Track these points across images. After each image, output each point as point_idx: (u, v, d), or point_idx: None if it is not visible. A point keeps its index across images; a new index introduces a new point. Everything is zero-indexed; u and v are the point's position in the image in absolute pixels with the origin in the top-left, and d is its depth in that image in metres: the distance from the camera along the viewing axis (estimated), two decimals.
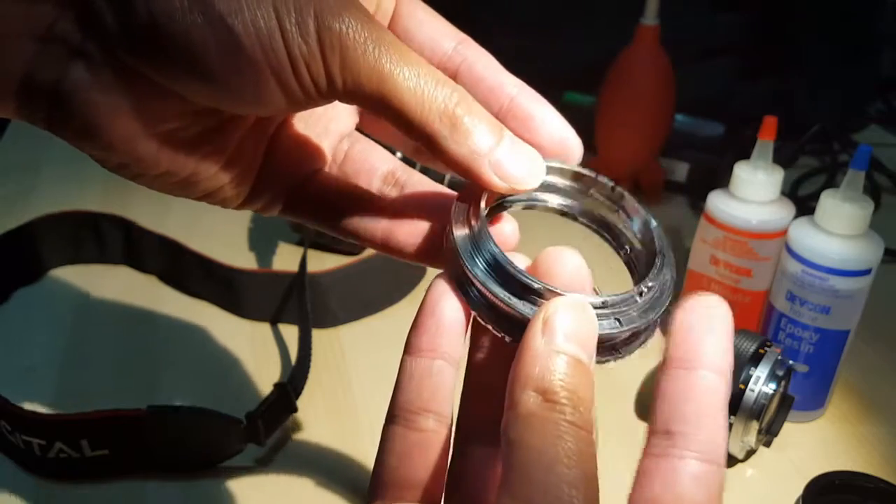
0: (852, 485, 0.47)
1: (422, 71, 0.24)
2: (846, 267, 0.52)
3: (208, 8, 0.22)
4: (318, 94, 0.24)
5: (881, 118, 1.07)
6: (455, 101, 0.25)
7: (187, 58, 0.23)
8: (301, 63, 0.23)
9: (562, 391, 0.22)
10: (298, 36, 0.23)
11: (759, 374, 0.51)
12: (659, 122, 0.82)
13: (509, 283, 0.25)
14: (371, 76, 0.24)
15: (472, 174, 0.26)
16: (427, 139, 0.25)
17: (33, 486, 0.50)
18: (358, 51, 0.23)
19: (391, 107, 0.24)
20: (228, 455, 0.51)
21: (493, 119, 0.26)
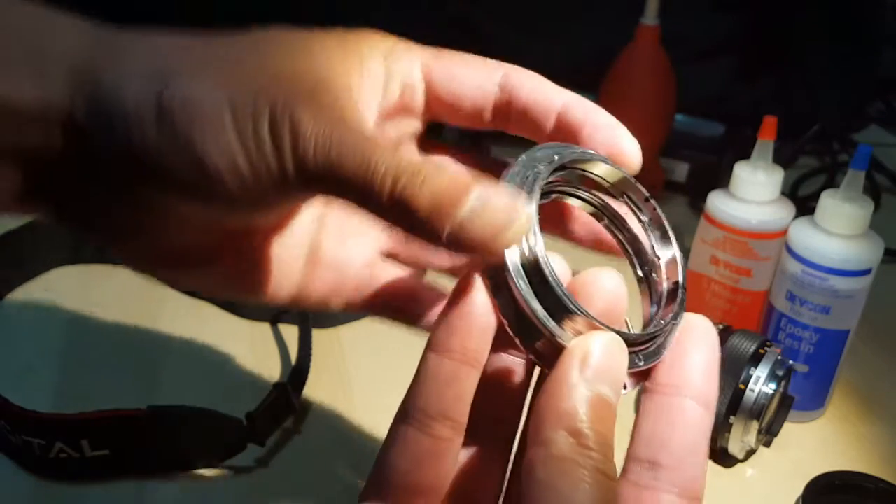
0: (852, 485, 0.47)
1: (369, 159, 0.24)
2: (846, 267, 0.52)
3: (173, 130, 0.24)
4: (273, 181, 0.25)
5: (881, 118, 1.07)
6: (402, 182, 0.23)
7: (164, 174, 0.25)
8: (254, 153, 0.24)
9: (594, 435, 0.22)
10: (252, 133, 0.24)
11: (759, 374, 0.51)
12: (659, 121, 0.82)
13: (550, 302, 0.24)
14: (318, 165, 0.24)
15: (433, 245, 0.24)
16: (384, 221, 0.25)
17: (33, 486, 0.50)
18: (306, 143, 0.24)
19: (342, 192, 0.25)
20: (228, 455, 0.51)
21: (456, 182, 0.23)
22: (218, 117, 0.24)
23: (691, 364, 0.25)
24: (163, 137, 0.24)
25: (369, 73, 0.29)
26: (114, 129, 0.25)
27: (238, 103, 0.24)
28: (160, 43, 0.26)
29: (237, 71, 0.25)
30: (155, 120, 0.24)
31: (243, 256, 0.31)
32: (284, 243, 0.32)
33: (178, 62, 0.25)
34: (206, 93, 0.24)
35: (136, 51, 0.26)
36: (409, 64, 0.30)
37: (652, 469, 0.24)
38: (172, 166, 0.25)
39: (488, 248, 0.23)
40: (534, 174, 0.26)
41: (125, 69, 0.25)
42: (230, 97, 0.24)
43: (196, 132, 0.24)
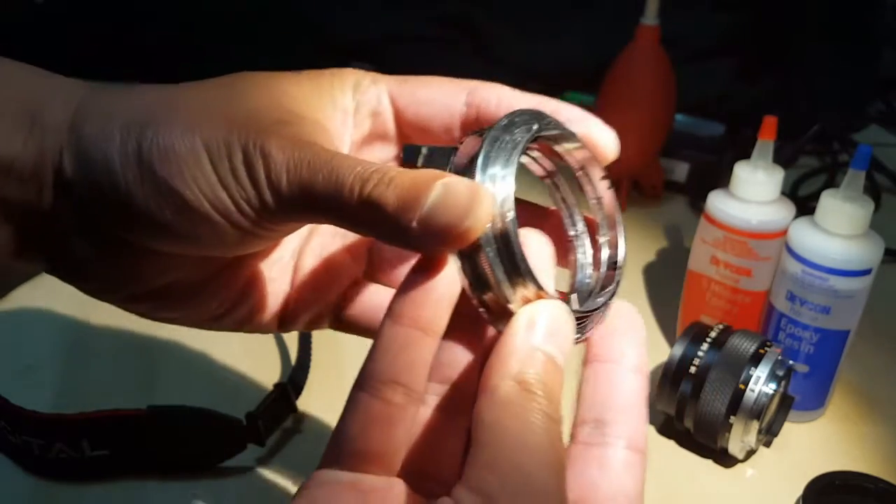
0: (853, 485, 0.47)
1: (337, 171, 0.25)
2: (846, 267, 0.52)
3: (155, 177, 0.26)
4: (255, 212, 0.26)
5: (881, 118, 1.07)
6: (370, 186, 0.24)
7: (152, 222, 0.26)
8: (233, 189, 0.26)
9: (538, 384, 0.23)
10: (229, 170, 0.26)
11: (759, 374, 0.51)
12: (659, 121, 0.82)
13: (511, 269, 0.25)
14: (293, 189, 0.25)
15: (407, 245, 0.25)
16: (360, 228, 0.26)
17: (33, 486, 0.50)
18: (278, 169, 0.25)
19: (318, 211, 0.26)
20: (228, 455, 0.51)
21: (419, 178, 0.24)
22: (195, 160, 0.26)
23: (625, 340, 0.28)
24: (147, 186, 0.26)
25: (340, 106, 0.30)
26: (100, 182, 0.26)
27: (212, 144, 0.26)
28: (138, 96, 0.28)
29: (209, 114, 0.26)
30: (137, 170, 0.26)
31: (233, 287, 0.32)
32: (271, 270, 0.33)
33: (154, 113, 0.26)
34: (180, 138, 0.26)
35: (116, 106, 0.27)
36: (375, 94, 0.31)
37: (598, 427, 0.26)
38: (159, 212, 0.26)
39: (456, 232, 0.24)
40: (512, 141, 0.26)
41: (107, 124, 0.26)
42: (204, 139, 0.26)
43: (177, 177, 0.26)
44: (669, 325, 0.67)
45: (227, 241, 0.27)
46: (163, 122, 0.26)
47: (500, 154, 0.26)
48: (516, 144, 0.26)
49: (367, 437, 0.25)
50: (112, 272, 0.29)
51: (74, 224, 0.27)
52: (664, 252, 0.79)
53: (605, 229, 0.30)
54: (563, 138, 0.29)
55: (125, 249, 0.28)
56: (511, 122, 0.27)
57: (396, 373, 0.25)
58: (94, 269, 0.29)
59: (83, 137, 0.26)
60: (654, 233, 0.82)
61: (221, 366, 0.61)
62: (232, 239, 0.27)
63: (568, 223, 0.31)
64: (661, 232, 0.83)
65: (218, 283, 0.31)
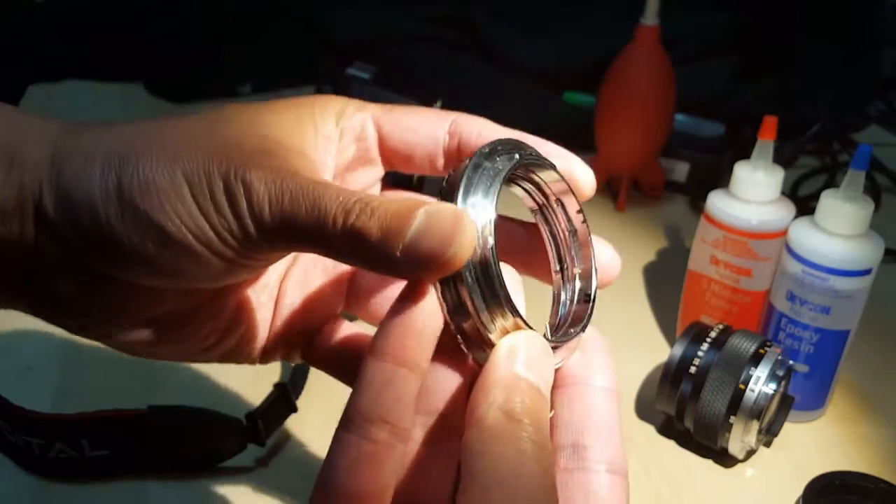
0: (852, 485, 0.47)
1: (319, 201, 0.25)
2: (846, 267, 0.52)
3: (136, 211, 0.26)
4: (238, 243, 0.26)
5: (881, 118, 1.07)
6: (353, 215, 0.24)
7: (135, 256, 0.26)
8: (215, 220, 0.26)
9: (524, 412, 0.24)
10: (211, 201, 0.26)
11: (759, 375, 0.51)
12: (659, 121, 0.82)
13: (491, 300, 0.25)
14: (275, 219, 0.25)
15: (392, 273, 0.25)
16: (343, 258, 0.26)
17: (33, 486, 0.50)
18: (260, 200, 0.25)
19: (301, 241, 0.26)
20: (228, 455, 0.51)
21: (402, 207, 0.24)
22: (176, 192, 0.26)
23: (594, 363, 0.28)
24: (128, 221, 0.26)
25: (322, 133, 0.30)
26: (81, 219, 0.26)
27: (193, 176, 0.26)
28: (117, 131, 0.27)
29: (189, 146, 0.26)
30: (118, 205, 0.26)
31: (221, 317, 0.31)
32: (260, 296, 0.32)
33: (134, 147, 0.26)
34: (161, 171, 0.26)
35: (95, 141, 0.27)
36: (360, 120, 0.31)
37: (577, 451, 0.26)
38: (142, 247, 0.26)
39: (440, 261, 0.24)
40: (493, 168, 0.26)
41: (87, 158, 0.26)
42: (185, 171, 0.26)
43: (158, 210, 0.25)
44: (669, 325, 0.67)
45: (211, 273, 0.27)
46: (143, 155, 0.26)
47: (482, 181, 0.26)
48: (498, 172, 0.26)
49: (355, 479, 0.24)
50: (95, 308, 0.28)
51: (57, 261, 0.27)
52: (664, 252, 0.79)
53: (578, 262, 0.31)
54: (544, 169, 0.29)
55: (108, 285, 0.27)
56: (493, 150, 0.27)
57: (383, 411, 0.24)
58: (77, 306, 0.28)
59: (63, 174, 0.26)
60: (654, 233, 0.82)
61: (221, 366, 0.61)
62: (216, 270, 0.27)
63: (553, 258, 0.31)
64: (661, 232, 0.83)
65: (205, 314, 0.31)
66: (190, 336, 0.31)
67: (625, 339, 0.66)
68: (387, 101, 0.80)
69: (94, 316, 0.29)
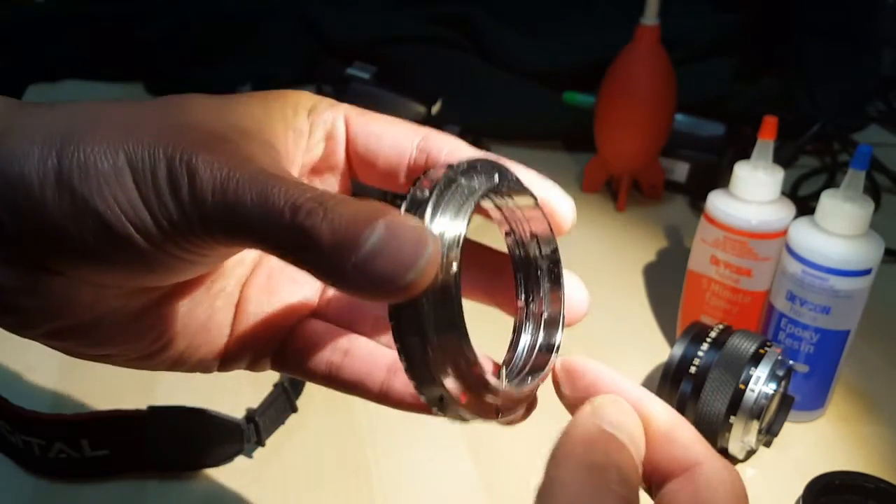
0: (852, 485, 0.47)
1: (268, 193, 0.22)
2: (846, 267, 0.52)
3: (73, 195, 0.23)
4: (178, 234, 0.24)
5: (881, 118, 1.07)
6: (302, 213, 0.22)
7: (72, 245, 0.24)
8: (155, 208, 0.24)
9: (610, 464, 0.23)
10: (152, 187, 0.23)
11: (759, 375, 0.51)
12: (659, 121, 0.82)
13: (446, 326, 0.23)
14: (218, 209, 0.23)
15: (341, 288, 0.22)
16: (292, 260, 0.23)
17: (33, 486, 0.50)
18: (204, 186, 0.23)
19: (247, 236, 0.23)
20: (228, 455, 0.51)
21: (360, 212, 0.22)
22: (116, 175, 0.23)
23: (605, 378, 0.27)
24: (65, 203, 0.24)
25: (292, 126, 0.28)
26: (17, 201, 0.24)
27: (136, 159, 0.24)
28: (61, 110, 0.25)
29: (137, 128, 0.24)
30: (55, 186, 0.24)
31: (170, 320, 0.29)
32: (215, 300, 0.30)
33: (77, 127, 0.24)
34: (102, 152, 0.24)
35: (36, 120, 0.25)
36: (332, 117, 0.29)
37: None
38: (79, 234, 0.24)
39: (394, 286, 0.21)
40: (469, 187, 0.24)
41: (24, 139, 0.24)
42: (127, 153, 0.24)
43: (96, 193, 0.23)
44: (669, 325, 0.67)
45: (153, 268, 0.25)
46: (85, 136, 0.24)
47: (454, 199, 0.24)
48: (473, 192, 0.24)
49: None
50: (33, 304, 0.26)
51: (5, 253, 0.25)
52: (664, 252, 0.79)
53: (547, 303, 0.29)
54: (523, 196, 0.27)
55: (47, 278, 0.25)
56: (471, 167, 0.25)
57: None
58: (11, 301, 0.25)
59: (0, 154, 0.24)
60: (654, 233, 0.82)
61: None
62: (158, 264, 0.25)
63: (521, 289, 0.29)
64: (660, 232, 0.83)
65: (152, 317, 0.28)
66: (134, 340, 0.28)
67: (624, 339, 0.66)
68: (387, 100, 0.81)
69: (30, 313, 0.26)
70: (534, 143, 0.98)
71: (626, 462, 0.23)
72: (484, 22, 1.09)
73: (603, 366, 0.27)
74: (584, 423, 0.24)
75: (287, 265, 0.31)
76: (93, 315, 0.27)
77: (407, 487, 0.51)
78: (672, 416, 0.26)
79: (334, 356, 0.30)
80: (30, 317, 0.26)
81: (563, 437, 0.24)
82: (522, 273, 0.29)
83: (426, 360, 0.23)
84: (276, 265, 0.31)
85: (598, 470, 0.22)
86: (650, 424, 0.25)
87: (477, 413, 0.25)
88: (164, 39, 1.09)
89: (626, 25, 0.80)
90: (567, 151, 0.98)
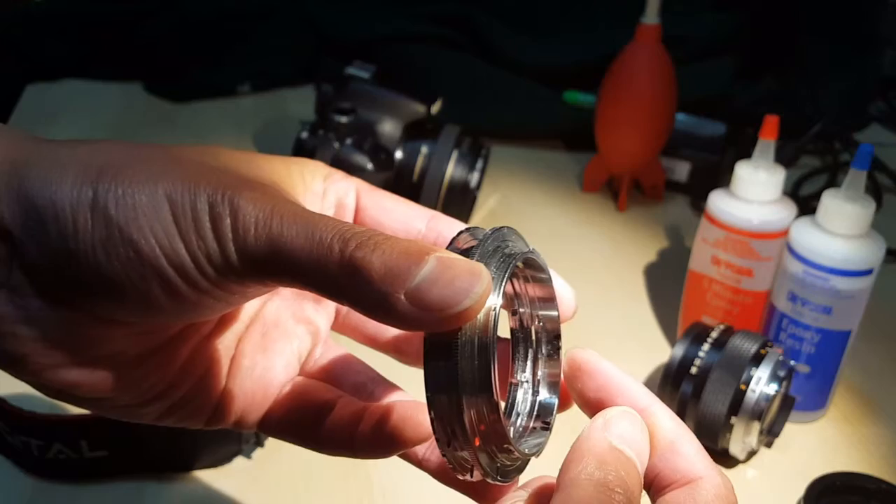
0: (854, 486, 0.47)
1: (314, 227, 0.23)
2: (848, 267, 0.52)
3: (108, 223, 0.23)
4: (215, 271, 0.24)
5: (883, 117, 1.07)
6: (352, 246, 0.22)
7: (98, 274, 0.23)
8: (194, 243, 0.23)
9: (618, 482, 0.23)
10: (192, 222, 0.23)
11: (760, 375, 0.51)
12: (660, 121, 0.82)
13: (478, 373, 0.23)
14: (260, 242, 0.23)
15: (390, 320, 0.22)
16: (336, 296, 0.23)
17: (32, 487, 0.50)
18: (247, 221, 0.23)
19: (288, 271, 0.23)
20: (227, 456, 0.51)
21: (411, 246, 0.22)
22: (156, 209, 0.23)
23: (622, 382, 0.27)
24: (97, 232, 0.23)
25: (310, 188, 0.29)
26: (45, 229, 0.23)
27: (176, 193, 0.23)
28: (92, 145, 0.25)
29: (175, 166, 0.24)
30: (90, 213, 0.23)
31: (171, 365, 0.28)
32: (215, 351, 0.30)
33: (113, 161, 0.24)
34: (141, 186, 0.23)
35: (68, 152, 0.24)
36: (345, 187, 0.30)
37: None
38: (107, 263, 0.23)
39: (448, 312, 0.22)
40: (503, 254, 0.25)
41: (57, 166, 0.24)
42: (167, 189, 0.23)
43: (132, 222, 0.23)
44: (670, 325, 0.67)
45: (177, 306, 0.24)
46: (123, 169, 0.24)
47: (494, 257, 0.24)
48: (510, 255, 0.25)
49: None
50: (32, 336, 0.24)
51: (2, 274, 0.24)
52: (665, 252, 0.79)
53: (546, 388, 0.29)
54: (540, 273, 0.28)
55: (56, 310, 0.24)
56: (507, 234, 0.26)
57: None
58: (10, 331, 0.24)
59: (28, 179, 0.23)
60: (655, 233, 0.82)
61: None
62: (184, 301, 0.24)
63: (518, 366, 0.29)
64: (661, 232, 0.82)
65: (155, 361, 0.27)
66: (134, 383, 0.27)
67: (625, 340, 0.66)
68: (386, 100, 0.80)
69: (31, 347, 0.25)
70: (534, 142, 0.98)
71: (633, 481, 0.24)
72: (484, 21, 1.08)
73: (614, 367, 0.27)
74: (596, 437, 0.24)
75: (279, 324, 0.31)
76: (93, 355, 0.26)
77: (406, 488, 0.51)
78: (677, 426, 0.26)
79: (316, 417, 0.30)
80: (31, 348, 0.25)
81: (576, 450, 0.24)
82: (521, 351, 0.29)
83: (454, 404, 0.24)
84: (271, 322, 0.31)
85: (607, 490, 0.23)
86: (655, 434, 0.26)
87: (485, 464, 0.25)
88: (164, 39, 1.09)
89: (626, 25, 0.80)
90: (567, 151, 0.97)
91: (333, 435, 0.29)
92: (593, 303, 0.70)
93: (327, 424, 0.29)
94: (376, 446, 0.29)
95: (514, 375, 0.29)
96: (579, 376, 0.27)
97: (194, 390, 0.29)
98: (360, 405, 0.30)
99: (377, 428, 0.28)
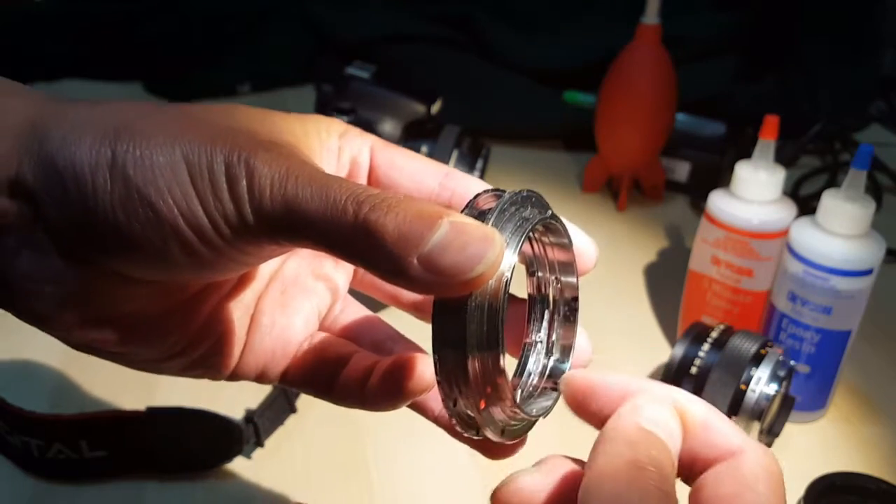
0: (854, 486, 0.47)
1: (328, 189, 0.23)
2: (848, 267, 0.52)
3: (127, 183, 0.24)
4: (232, 231, 0.24)
5: (883, 117, 1.07)
6: (366, 208, 0.22)
7: (118, 234, 0.24)
8: (211, 203, 0.24)
9: (650, 461, 0.23)
10: (209, 182, 0.24)
11: (760, 375, 0.51)
12: (660, 121, 0.82)
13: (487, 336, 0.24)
14: (276, 204, 0.23)
15: (402, 282, 0.23)
16: (350, 257, 0.24)
17: (32, 487, 0.50)
18: (263, 182, 0.24)
19: (303, 232, 0.24)
20: (228, 455, 0.51)
21: (424, 209, 0.23)
22: (173, 169, 0.24)
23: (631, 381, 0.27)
24: (116, 192, 0.24)
25: (326, 145, 0.29)
26: (66, 189, 0.24)
27: (193, 154, 0.24)
28: (108, 106, 0.25)
29: (191, 127, 0.25)
30: (109, 175, 0.24)
31: (192, 323, 0.29)
32: (235, 310, 0.30)
33: (131, 122, 0.24)
34: (157, 146, 0.24)
35: (86, 113, 0.25)
36: (360, 144, 0.30)
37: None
38: (126, 223, 0.24)
39: (461, 278, 0.22)
40: (521, 218, 0.25)
41: (76, 127, 0.24)
42: (184, 150, 0.24)
43: (150, 183, 0.24)
44: (670, 325, 0.67)
45: (194, 264, 0.25)
46: (140, 130, 0.24)
47: (511, 221, 0.25)
48: (526, 220, 0.25)
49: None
50: (57, 295, 0.25)
51: (26, 235, 0.25)
52: (665, 252, 0.79)
53: (558, 352, 0.29)
54: (559, 235, 0.28)
55: (80, 270, 0.25)
56: (527, 198, 0.26)
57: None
58: (36, 289, 0.25)
59: (47, 140, 0.24)
60: (655, 233, 0.82)
61: None
62: (201, 262, 0.25)
63: (533, 327, 0.29)
64: (661, 232, 0.82)
65: (177, 318, 0.28)
66: (157, 340, 0.28)
67: (625, 340, 0.66)
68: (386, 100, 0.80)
69: (56, 305, 0.26)
70: (534, 142, 0.98)
71: (665, 459, 0.23)
72: (484, 21, 1.08)
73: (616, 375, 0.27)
74: (625, 420, 0.24)
75: (298, 282, 0.32)
76: (118, 312, 0.27)
77: (406, 488, 0.51)
78: (706, 406, 0.26)
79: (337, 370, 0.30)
80: (52, 310, 0.26)
81: (606, 434, 0.24)
82: (538, 313, 0.30)
83: (461, 365, 0.24)
84: (290, 280, 0.32)
85: (639, 468, 0.22)
86: (686, 415, 0.26)
87: (489, 423, 0.25)
88: (164, 39, 1.09)
89: (626, 25, 0.80)
90: (567, 151, 0.97)
91: (346, 387, 0.30)
92: (593, 303, 0.70)
93: (342, 377, 0.30)
94: (384, 397, 0.29)
95: (528, 335, 0.29)
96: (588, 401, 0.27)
97: (215, 347, 0.30)
98: (374, 359, 0.30)
99: (383, 379, 0.29)
